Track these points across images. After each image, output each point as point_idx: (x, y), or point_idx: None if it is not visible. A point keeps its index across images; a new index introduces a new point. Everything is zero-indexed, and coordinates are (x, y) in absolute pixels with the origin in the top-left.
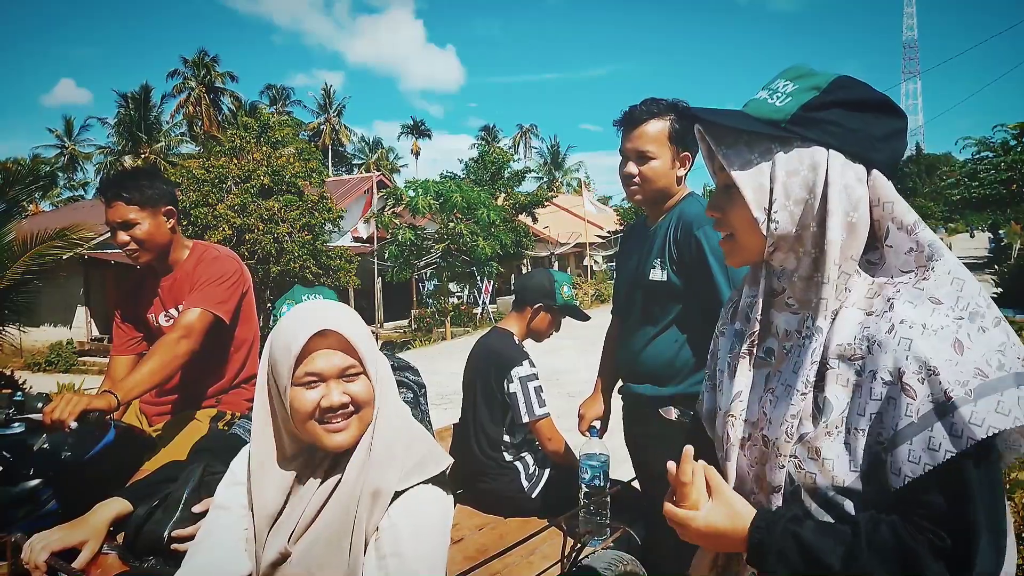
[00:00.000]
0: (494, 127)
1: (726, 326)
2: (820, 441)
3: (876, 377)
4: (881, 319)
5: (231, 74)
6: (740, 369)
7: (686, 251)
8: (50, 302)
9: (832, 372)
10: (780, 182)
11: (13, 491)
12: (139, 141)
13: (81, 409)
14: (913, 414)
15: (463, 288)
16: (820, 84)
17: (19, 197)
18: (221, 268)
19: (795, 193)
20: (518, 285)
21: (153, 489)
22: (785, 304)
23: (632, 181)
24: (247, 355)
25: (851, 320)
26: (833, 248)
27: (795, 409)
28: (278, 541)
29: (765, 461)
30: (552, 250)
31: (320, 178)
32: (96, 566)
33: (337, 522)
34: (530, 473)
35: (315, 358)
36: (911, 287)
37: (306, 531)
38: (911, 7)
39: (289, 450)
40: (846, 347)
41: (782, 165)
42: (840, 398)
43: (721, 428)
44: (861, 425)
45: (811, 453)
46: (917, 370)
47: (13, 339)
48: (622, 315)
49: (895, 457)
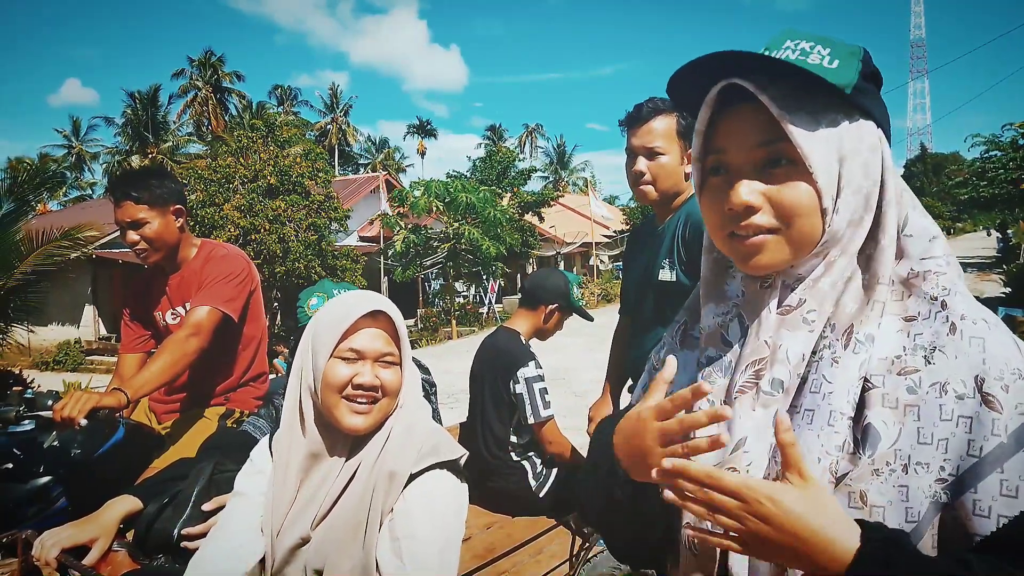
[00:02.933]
0: (500, 127)
1: (679, 353)
2: (866, 483)
3: (944, 392)
4: (934, 320)
5: (237, 74)
6: (739, 408)
7: (696, 251)
8: (58, 301)
9: (876, 392)
10: (851, 163)
11: (24, 488)
12: (146, 141)
13: (91, 407)
14: (1001, 432)
15: (469, 288)
16: (856, 53)
17: (27, 196)
18: (229, 266)
19: (856, 179)
20: (532, 284)
21: (163, 487)
22: (802, 321)
23: (641, 179)
24: (255, 353)
25: (887, 328)
26: (891, 243)
27: (839, 438)
28: (299, 526)
29: None
30: (558, 249)
31: (326, 177)
32: (106, 563)
33: (355, 506)
34: (537, 472)
35: (360, 335)
36: (952, 278)
37: (326, 516)
38: (919, 6)
39: (313, 433)
40: (893, 360)
41: (850, 142)
42: (890, 425)
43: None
44: (923, 459)
45: (853, 500)
46: (999, 375)
47: (21, 338)
48: (631, 315)
49: (980, 493)
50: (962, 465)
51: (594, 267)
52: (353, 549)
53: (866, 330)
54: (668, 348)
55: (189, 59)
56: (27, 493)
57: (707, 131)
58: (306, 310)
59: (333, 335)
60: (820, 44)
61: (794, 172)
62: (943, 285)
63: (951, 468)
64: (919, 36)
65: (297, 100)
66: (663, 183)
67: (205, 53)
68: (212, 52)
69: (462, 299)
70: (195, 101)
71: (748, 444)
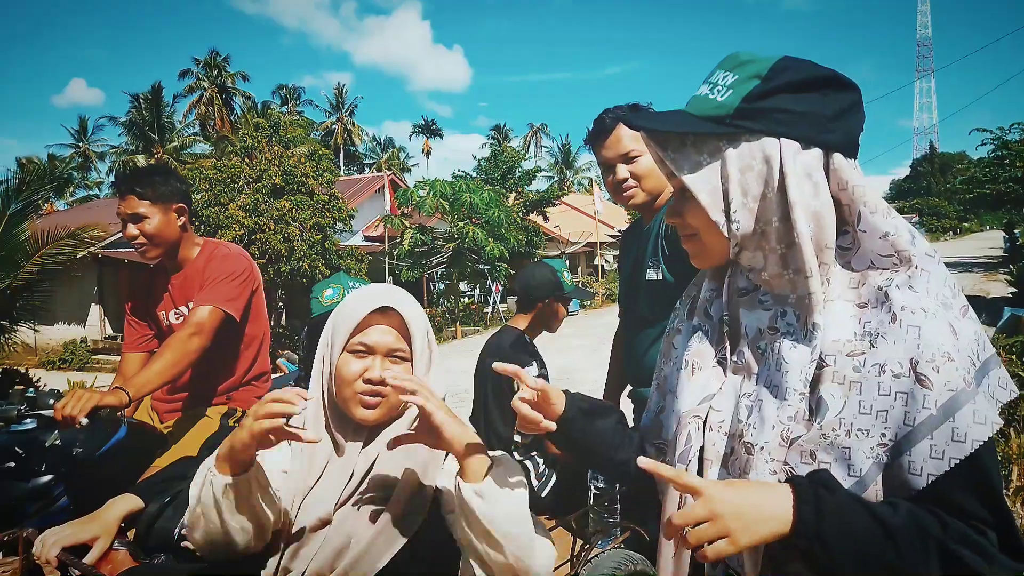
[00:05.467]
0: (505, 126)
1: (682, 323)
2: (815, 445)
3: (883, 371)
4: (880, 309)
5: (243, 74)
6: (708, 371)
7: (677, 247)
8: (64, 300)
9: (828, 370)
10: (734, 180)
11: (25, 486)
12: (151, 141)
13: (92, 405)
14: (931, 406)
15: (473, 287)
16: (760, 71)
17: (34, 196)
18: (231, 266)
19: (752, 189)
20: (521, 285)
21: (164, 486)
22: (758, 302)
23: (626, 185)
24: (257, 352)
25: (842, 313)
26: (804, 240)
27: (792, 410)
28: (321, 507)
29: (749, 471)
30: (563, 249)
31: (332, 177)
32: (107, 562)
33: (380, 490)
34: (540, 472)
35: (370, 332)
36: (901, 273)
37: (349, 499)
38: (925, 5)
39: (333, 420)
40: (844, 343)
41: (734, 162)
42: (836, 397)
43: (683, 432)
44: (864, 425)
45: (804, 458)
46: (931, 358)
47: (27, 337)
48: (625, 318)
49: (914, 455)
50: (899, 433)
51: (599, 267)
52: (378, 532)
53: (813, 319)
54: (678, 319)
55: (194, 60)
56: (28, 491)
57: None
58: (320, 301)
59: (346, 329)
60: (732, 71)
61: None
62: (888, 277)
63: (890, 435)
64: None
65: (301, 100)
66: (648, 182)
67: (210, 53)
68: (217, 52)
69: (466, 299)
70: (200, 101)
71: (717, 402)
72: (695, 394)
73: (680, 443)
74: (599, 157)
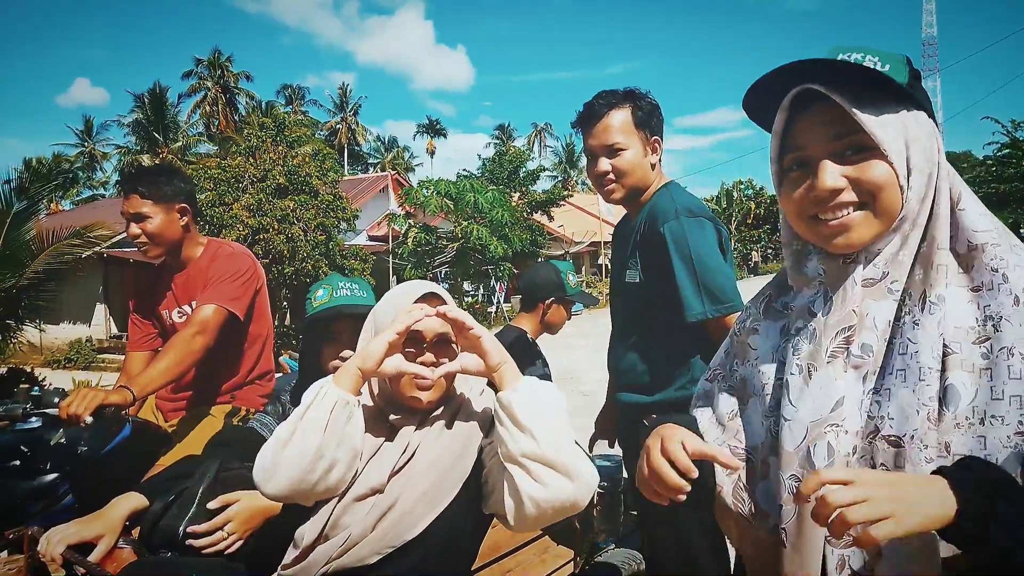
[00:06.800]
0: (509, 126)
1: (758, 322)
2: (950, 435)
3: (1012, 355)
4: (998, 292)
5: (246, 74)
6: (832, 371)
7: (652, 249)
8: (69, 300)
9: (954, 358)
10: (915, 146)
11: (30, 485)
12: (155, 141)
13: (97, 404)
14: None
15: (477, 287)
16: (900, 58)
17: (39, 196)
18: (235, 265)
19: (920, 161)
20: (525, 284)
21: (169, 484)
22: (887, 291)
23: (606, 179)
24: (261, 351)
25: (959, 298)
26: (947, 211)
27: (932, 391)
28: (376, 476)
29: (902, 463)
30: (567, 248)
31: (336, 177)
32: (111, 560)
33: (427, 463)
34: None
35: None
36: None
37: (400, 470)
38: (930, 3)
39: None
40: (967, 330)
41: (913, 129)
42: (968, 385)
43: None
44: (999, 412)
45: (940, 451)
46: None
47: (33, 337)
48: (612, 320)
49: None
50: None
51: (603, 266)
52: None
53: (937, 292)
54: (752, 318)
55: (197, 59)
56: (33, 490)
57: (783, 132)
58: (312, 302)
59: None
60: (868, 54)
61: (869, 157)
62: (1001, 256)
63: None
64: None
65: (305, 99)
66: (628, 179)
67: (213, 53)
68: (220, 52)
69: (470, 298)
70: (204, 101)
71: (844, 402)
72: (819, 400)
73: (819, 454)
74: (585, 144)
